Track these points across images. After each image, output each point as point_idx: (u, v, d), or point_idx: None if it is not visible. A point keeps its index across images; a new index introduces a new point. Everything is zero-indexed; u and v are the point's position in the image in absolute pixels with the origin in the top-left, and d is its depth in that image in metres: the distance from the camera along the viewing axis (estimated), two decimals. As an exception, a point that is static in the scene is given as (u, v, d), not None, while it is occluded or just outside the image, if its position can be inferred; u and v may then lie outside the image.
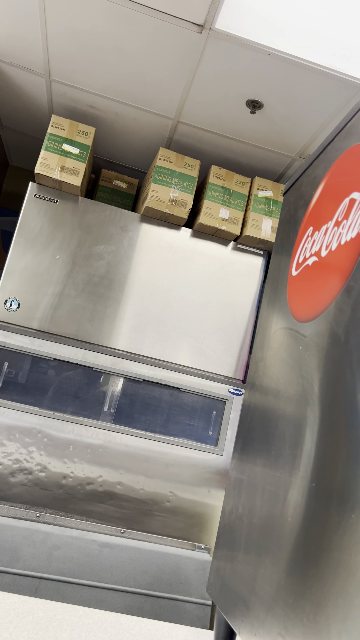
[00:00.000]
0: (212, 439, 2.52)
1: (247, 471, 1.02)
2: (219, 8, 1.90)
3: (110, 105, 2.67)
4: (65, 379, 2.43)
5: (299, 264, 1.03)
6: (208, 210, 2.63)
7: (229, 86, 2.32)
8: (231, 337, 2.66)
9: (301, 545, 0.74)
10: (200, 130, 2.72)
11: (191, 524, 2.42)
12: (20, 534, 2.15)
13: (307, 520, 0.74)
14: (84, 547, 2.19)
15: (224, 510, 1.09)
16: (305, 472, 0.79)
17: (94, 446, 2.38)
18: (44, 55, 2.39)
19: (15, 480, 2.28)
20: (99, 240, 2.59)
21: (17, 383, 2.38)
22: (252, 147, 2.77)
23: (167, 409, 2.51)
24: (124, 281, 2.59)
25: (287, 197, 1.27)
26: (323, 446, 0.76)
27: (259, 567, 0.84)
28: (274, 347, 1.05)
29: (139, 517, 2.37)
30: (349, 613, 0.60)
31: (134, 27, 2.09)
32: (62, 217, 2.57)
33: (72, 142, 2.54)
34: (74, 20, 2.12)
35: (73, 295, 2.52)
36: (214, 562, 1.07)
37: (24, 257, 2.50)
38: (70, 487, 2.33)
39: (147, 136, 2.89)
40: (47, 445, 2.33)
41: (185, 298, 2.64)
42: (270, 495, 0.87)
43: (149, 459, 2.42)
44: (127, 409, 2.46)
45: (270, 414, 0.98)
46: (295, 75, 2.16)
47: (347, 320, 0.78)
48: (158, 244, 2.66)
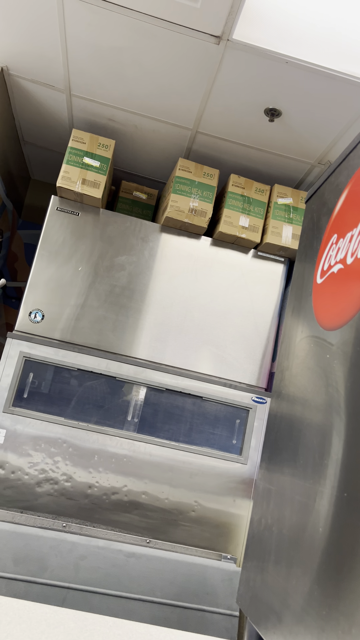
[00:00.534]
0: (236, 448, 2.51)
1: (275, 481, 1.01)
2: (236, 19, 1.91)
3: (130, 117, 2.70)
4: (89, 388, 2.45)
5: (324, 271, 1.03)
6: (228, 218, 2.64)
7: (247, 95, 2.34)
8: (253, 345, 2.65)
9: (333, 556, 0.73)
10: (219, 139, 2.74)
11: (217, 533, 2.41)
12: (48, 544, 2.17)
13: (339, 531, 0.73)
14: (110, 557, 2.19)
15: (253, 521, 1.09)
16: (335, 481, 0.78)
17: (119, 456, 2.39)
18: (64, 72, 2.44)
19: (41, 490, 2.30)
20: (120, 251, 2.62)
21: (42, 393, 2.40)
22: (271, 154, 2.77)
23: (190, 417, 2.50)
24: (145, 291, 2.60)
25: (309, 205, 1.26)
26: (352, 455, 0.75)
27: (290, 578, 0.84)
28: (300, 355, 1.05)
29: (164, 526, 2.37)
30: (386, 626, 0.59)
31: (152, 41, 2.12)
32: (84, 229, 2.60)
33: (93, 155, 2.58)
34: (93, 36, 2.16)
35: (95, 306, 2.54)
36: (244, 572, 1.06)
37: (47, 269, 2.54)
38: (96, 496, 2.34)
39: (166, 147, 2.92)
40: (72, 455, 2.35)
41: (206, 306, 2.64)
42: (300, 506, 0.87)
43: (173, 469, 2.42)
44: (151, 418, 2.47)
45: (298, 423, 0.97)
46: (314, 82, 2.16)
47: (375, 328, 0.77)
48: (178, 254, 2.67)
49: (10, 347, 2.40)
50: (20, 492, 2.29)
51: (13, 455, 2.31)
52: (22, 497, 2.28)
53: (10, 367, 2.37)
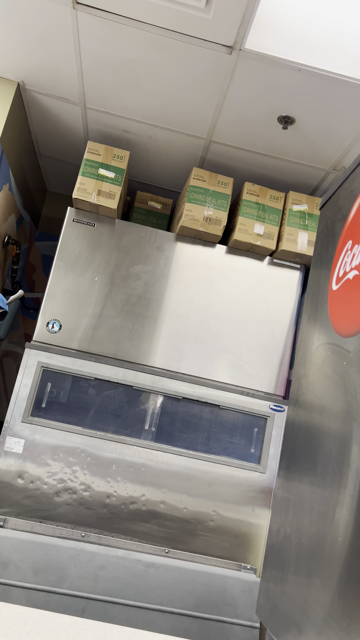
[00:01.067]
0: (254, 457, 2.49)
1: (293, 490, 1.00)
2: (248, 29, 1.93)
3: (144, 129, 2.73)
4: (106, 398, 2.46)
5: (339, 278, 1.02)
6: (242, 226, 2.64)
7: (260, 103, 2.34)
8: (270, 353, 2.63)
9: (353, 566, 0.72)
10: (232, 148, 2.75)
11: (236, 543, 2.39)
12: (67, 554, 2.17)
13: (359, 541, 0.72)
14: (129, 567, 2.19)
15: (271, 530, 1.08)
16: (354, 490, 0.77)
17: (137, 465, 2.39)
18: (79, 85, 2.48)
19: (60, 500, 2.31)
20: (136, 260, 2.63)
21: (60, 403, 2.42)
22: (285, 162, 2.77)
23: (207, 426, 2.50)
24: (161, 300, 2.61)
25: (324, 212, 1.26)
26: (372, 464, 0.74)
27: (310, 589, 0.83)
28: (317, 363, 1.04)
29: (183, 536, 2.36)
30: None
31: (165, 53, 2.15)
32: (100, 240, 2.63)
33: (108, 167, 2.60)
34: (107, 49, 2.19)
35: (112, 316, 2.56)
36: (263, 583, 1.05)
37: (64, 280, 2.56)
38: (114, 506, 2.34)
39: (181, 157, 2.94)
40: (91, 465, 2.36)
41: (222, 314, 2.64)
42: (319, 515, 0.86)
43: (191, 478, 2.41)
44: (168, 427, 2.46)
45: (315, 431, 0.96)
46: (326, 89, 2.16)
47: (392, 335, 0.76)
48: (194, 262, 2.68)
49: (29, 357, 2.43)
50: (39, 502, 2.30)
51: (32, 465, 2.32)
52: (41, 507, 2.30)
53: (28, 377, 2.40)
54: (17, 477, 2.30)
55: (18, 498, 2.29)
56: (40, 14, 2.07)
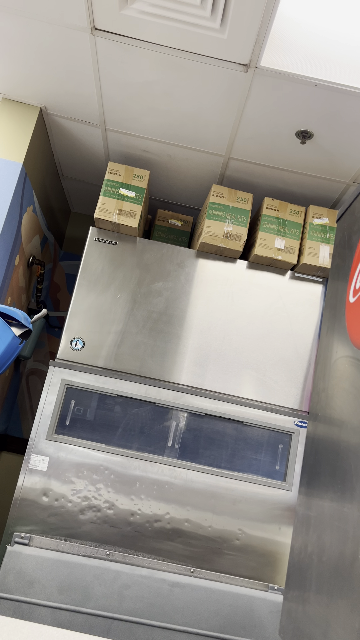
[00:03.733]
0: (279, 474, 2.45)
1: (314, 507, 0.98)
2: (263, 47, 1.95)
3: (163, 148, 2.77)
4: (130, 415, 2.46)
5: (356, 290, 1.01)
6: (263, 241, 2.64)
7: (278, 119, 2.36)
8: (294, 368, 2.60)
9: (375, 585, 0.70)
10: (251, 164, 2.76)
11: (263, 563, 2.34)
12: (91, 573, 2.16)
13: (380, 559, 0.70)
14: (154, 586, 2.16)
15: (293, 548, 1.06)
16: (375, 507, 0.75)
17: (160, 482, 2.37)
18: (99, 108, 2.54)
19: (84, 518, 2.31)
20: (157, 277, 2.65)
21: (84, 420, 2.43)
22: (304, 176, 2.77)
23: (231, 443, 2.47)
24: (183, 316, 2.62)
25: (340, 223, 1.25)
26: (392, 479, 0.72)
27: (332, 610, 0.80)
28: (336, 376, 1.02)
29: (208, 555, 2.32)
30: None
31: (181, 73, 2.19)
32: (122, 258, 2.66)
33: (128, 186, 2.65)
34: (125, 72, 2.25)
35: (134, 332, 2.57)
36: (285, 603, 1.03)
37: (87, 298, 2.60)
38: (138, 524, 2.33)
39: (200, 174, 2.97)
40: (114, 482, 2.36)
41: (244, 330, 2.63)
42: (339, 532, 0.84)
43: (215, 495, 2.38)
44: (192, 444, 2.45)
45: (335, 446, 0.94)
46: (344, 102, 2.16)
47: None
48: (214, 278, 2.68)
49: (53, 375, 2.45)
50: (63, 520, 2.30)
51: (56, 483, 2.33)
52: (65, 525, 2.30)
53: (52, 394, 2.42)
54: (42, 495, 2.31)
55: (43, 516, 2.30)
56: (60, 41, 2.13)
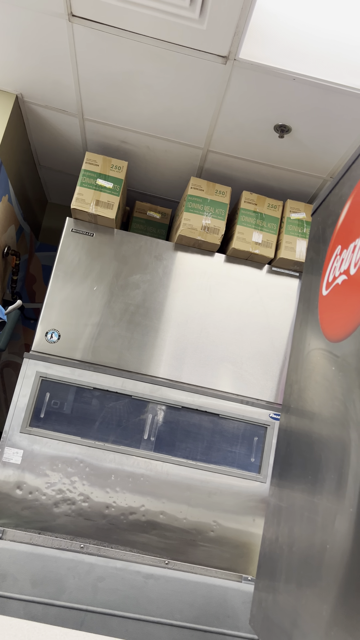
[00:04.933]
0: (254, 466, 2.47)
1: (285, 498, 0.99)
2: (242, 39, 1.94)
3: (142, 139, 2.75)
4: (105, 407, 2.45)
5: (329, 283, 1.02)
6: (241, 235, 2.64)
7: (256, 113, 2.36)
8: (270, 361, 2.62)
9: (342, 574, 0.71)
10: (230, 157, 2.76)
11: (237, 554, 2.36)
12: (65, 565, 2.15)
13: (347, 549, 0.71)
14: (128, 578, 2.16)
15: (264, 539, 1.07)
16: (342, 497, 0.76)
17: (136, 475, 2.37)
18: (76, 97, 2.50)
19: (59, 511, 2.30)
20: (135, 270, 2.64)
21: (59, 413, 2.41)
22: (282, 170, 2.78)
23: (207, 436, 2.48)
24: (160, 309, 2.61)
25: (315, 217, 1.26)
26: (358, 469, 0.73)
27: (300, 598, 0.81)
28: (308, 368, 1.03)
29: (183, 547, 2.33)
30: (393, 647, 0.56)
31: (160, 64, 2.17)
32: (99, 250, 2.64)
33: (106, 177, 2.62)
34: (103, 61, 2.22)
35: (111, 325, 2.56)
36: (256, 593, 1.04)
37: (63, 289, 2.57)
38: (113, 517, 2.32)
39: (179, 166, 2.95)
40: (90, 475, 2.34)
41: (221, 323, 2.63)
42: (309, 523, 0.84)
43: (191, 488, 2.39)
44: (168, 437, 2.45)
45: (306, 437, 0.95)
46: (322, 97, 2.17)
47: (378, 338, 0.76)
48: (192, 271, 2.68)
49: (27, 368, 2.42)
50: (37, 513, 2.29)
51: (30, 476, 2.31)
52: (39, 518, 2.28)
53: (27, 387, 2.39)
54: (16, 488, 2.29)
55: (17, 509, 2.28)
56: (37, 27, 2.09)
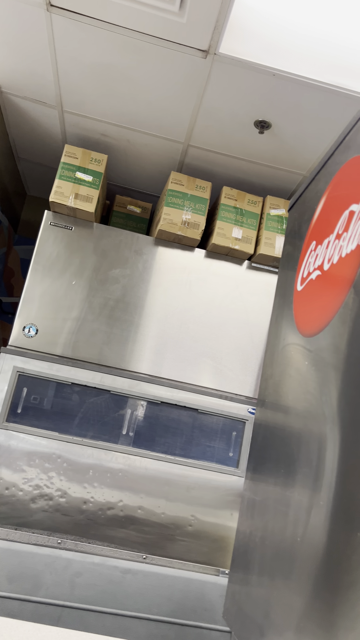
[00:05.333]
0: (233, 461, 2.48)
1: (259, 491, 1.00)
2: (222, 33, 1.94)
3: (122, 132, 2.73)
4: (84, 403, 2.43)
5: (304, 278, 1.02)
6: (221, 230, 2.64)
7: (237, 108, 2.36)
8: (249, 357, 2.63)
9: (312, 567, 0.72)
10: (210, 152, 2.75)
11: (215, 548, 2.37)
12: (42, 561, 2.14)
13: (318, 541, 0.72)
14: (106, 573, 2.16)
15: (238, 532, 1.07)
16: (314, 490, 0.77)
17: (114, 470, 2.36)
18: (55, 88, 2.47)
19: (36, 507, 2.28)
20: (114, 264, 2.62)
21: (36, 408, 2.39)
22: (262, 166, 2.79)
23: (186, 431, 2.48)
24: (140, 304, 2.60)
25: (292, 213, 1.27)
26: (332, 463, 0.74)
27: (272, 591, 0.82)
28: (283, 363, 1.04)
29: (161, 542, 2.34)
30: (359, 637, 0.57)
31: (140, 56, 2.15)
32: (78, 243, 2.61)
33: (85, 170, 2.59)
34: (83, 52, 2.19)
35: (90, 320, 2.54)
36: (230, 586, 1.04)
37: (41, 283, 2.54)
38: (91, 512, 2.31)
39: (159, 161, 2.94)
40: (67, 470, 2.33)
41: (201, 318, 2.64)
42: (282, 516, 0.85)
43: (169, 483, 2.39)
44: (147, 432, 2.45)
45: (280, 431, 0.96)
46: (302, 94, 2.18)
47: (350, 333, 0.76)
48: (172, 266, 2.68)
49: (4, 362, 2.40)
50: (14, 509, 2.27)
51: (7, 471, 2.29)
52: (16, 514, 2.26)
53: (3, 382, 2.37)
54: (-8, 484, 2.27)
55: (-7, 505, 2.25)
56: (14, 16, 2.06)
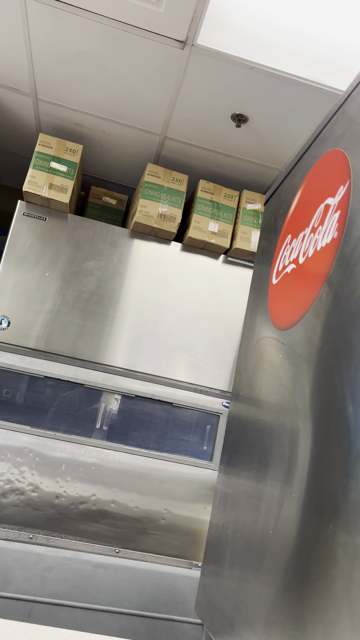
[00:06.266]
0: (206, 454, 2.49)
1: (232, 485, 1.00)
2: (200, 24, 1.92)
3: (97, 122, 2.69)
4: (57, 396, 2.40)
5: (279, 272, 1.02)
6: (197, 224, 2.63)
7: (214, 101, 2.34)
8: (224, 350, 2.64)
9: (282, 559, 0.72)
10: (187, 145, 2.74)
11: (187, 541, 2.38)
12: (12, 556, 2.11)
13: (288, 534, 0.72)
14: (77, 568, 2.14)
15: (211, 525, 1.07)
16: (285, 483, 0.77)
17: (87, 464, 2.34)
18: (29, 76, 2.41)
19: (6, 501, 2.25)
20: (89, 256, 2.59)
21: (8, 402, 2.35)
22: (239, 160, 2.79)
23: (161, 424, 2.48)
24: (115, 297, 2.58)
25: (267, 207, 1.26)
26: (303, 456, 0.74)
27: (243, 583, 0.82)
28: (257, 356, 1.04)
29: (134, 535, 2.33)
30: (328, 629, 0.57)
31: (117, 45, 2.11)
32: (51, 234, 2.57)
33: (60, 160, 2.55)
34: (58, 40, 2.14)
35: (63, 312, 2.51)
36: (202, 578, 1.04)
37: (14, 275, 2.49)
38: (63, 506, 2.29)
39: (135, 152, 2.91)
40: (39, 465, 2.30)
41: (177, 312, 2.63)
42: (253, 509, 0.85)
43: (142, 476, 2.38)
44: (120, 426, 2.43)
45: (253, 425, 0.96)
46: (279, 88, 2.18)
47: (323, 327, 0.76)
48: (148, 259, 2.66)
49: (-25, 355, 2.35)
50: (-16, 504, 2.23)
51: (-23, 466, 2.24)
52: (-14, 509, 2.22)
53: (-26, 375, 2.32)
54: None
55: None
56: (-13, 0, 2.00)
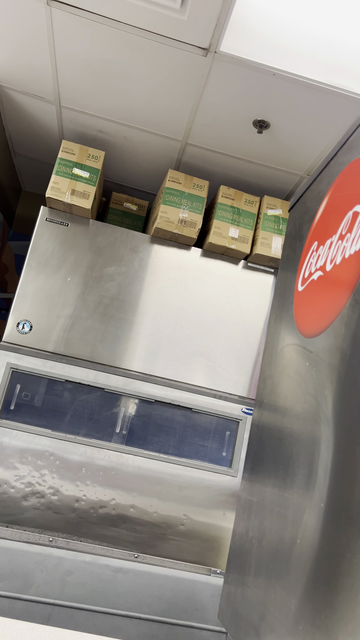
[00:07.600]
0: (226, 460, 2.48)
1: (256, 492, 0.99)
2: (223, 31, 1.93)
3: (119, 129, 2.71)
4: (77, 400, 2.42)
5: (305, 279, 1.02)
6: (217, 229, 2.64)
7: (235, 107, 2.35)
8: (243, 356, 2.63)
9: (310, 569, 0.71)
10: (208, 151, 2.75)
11: (206, 547, 2.37)
12: (33, 559, 2.13)
13: (316, 543, 0.72)
14: (97, 572, 2.15)
15: (235, 533, 1.07)
16: (313, 492, 0.76)
17: (107, 468, 2.35)
18: (53, 83, 2.45)
19: (27, 504, 2.27)
20: (110, 261, 2.61)
21: (30, 405, 2.38)
22: (260, 166, 2.79)
23: (180, 430, 2.48)
24: (135, 302, 2.59)
25: (292, 213, 1.26)
26: (331, 465, 0.74)
27: (269, 592, 0.81)
28: (282, 364, 1.03)
29: (153, 541, 2.33)
30: (360, 641, 0.57)
31: (140, 53, 2.14)
32: (73, 240, 2.60)
33: (82, 166, 2.58)
34: (82, 48, 2.17)
35: (84, 317, 2.53)
36: (225, 586, 1.04)
37: (36, 279, 2.52)
38: (83, 510, 2.30)
39: (156, 159, 2.93)
40: (60, 468, 2.32)
41: (196, 317, 2.63)
42: (279, 517, 0.85)
43: (162, 482, 2.38)
44: (140, 431, 2.44)
45: (278, 432, 0.95)
46: (301, 94, 2.18)
47: (353, 335, 0.76)
48: (168, 264, 2.67)
49: (-3, 358, 2.38)
50: (5, 506, 2.25)
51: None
52: (7, 511, 2.24)
53: (-3, 378, 2.35)
54: (-16, 481, 2.25)
55: (-16, 502, 2.24)
56: (13, 10, 2.04)
